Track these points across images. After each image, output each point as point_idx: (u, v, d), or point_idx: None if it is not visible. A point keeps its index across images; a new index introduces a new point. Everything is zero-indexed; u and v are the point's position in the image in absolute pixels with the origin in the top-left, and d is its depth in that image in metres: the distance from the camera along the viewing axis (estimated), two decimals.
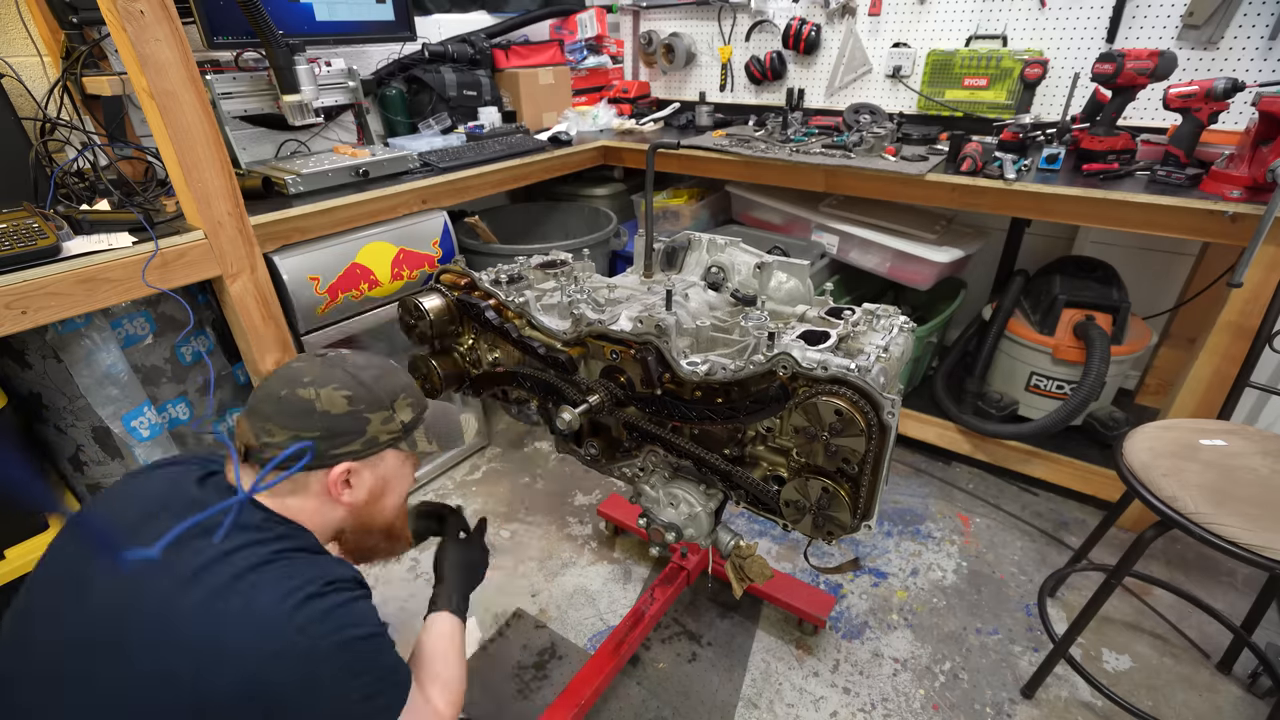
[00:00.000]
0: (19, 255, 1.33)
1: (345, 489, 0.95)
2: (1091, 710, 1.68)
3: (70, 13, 1.72)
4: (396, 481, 1.03)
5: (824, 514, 1.04)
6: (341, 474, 0.93)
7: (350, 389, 0.94)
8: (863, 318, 1.12)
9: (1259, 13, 2.00)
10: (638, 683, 1.78)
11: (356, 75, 2.22)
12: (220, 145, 1.57)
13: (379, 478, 0.99)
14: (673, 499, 1.25)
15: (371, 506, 1.00)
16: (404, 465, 1.04)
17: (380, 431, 0.96)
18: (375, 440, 0.96)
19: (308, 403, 0.91)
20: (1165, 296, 2.54)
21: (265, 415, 0.91)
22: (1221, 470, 1.38)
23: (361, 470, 0.96)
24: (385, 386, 0.98)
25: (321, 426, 0.91)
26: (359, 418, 0.94)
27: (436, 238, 2.16)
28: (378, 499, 1.01)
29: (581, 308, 1.19)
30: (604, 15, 3.13)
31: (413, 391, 1.03)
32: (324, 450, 0.92)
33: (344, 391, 0.93)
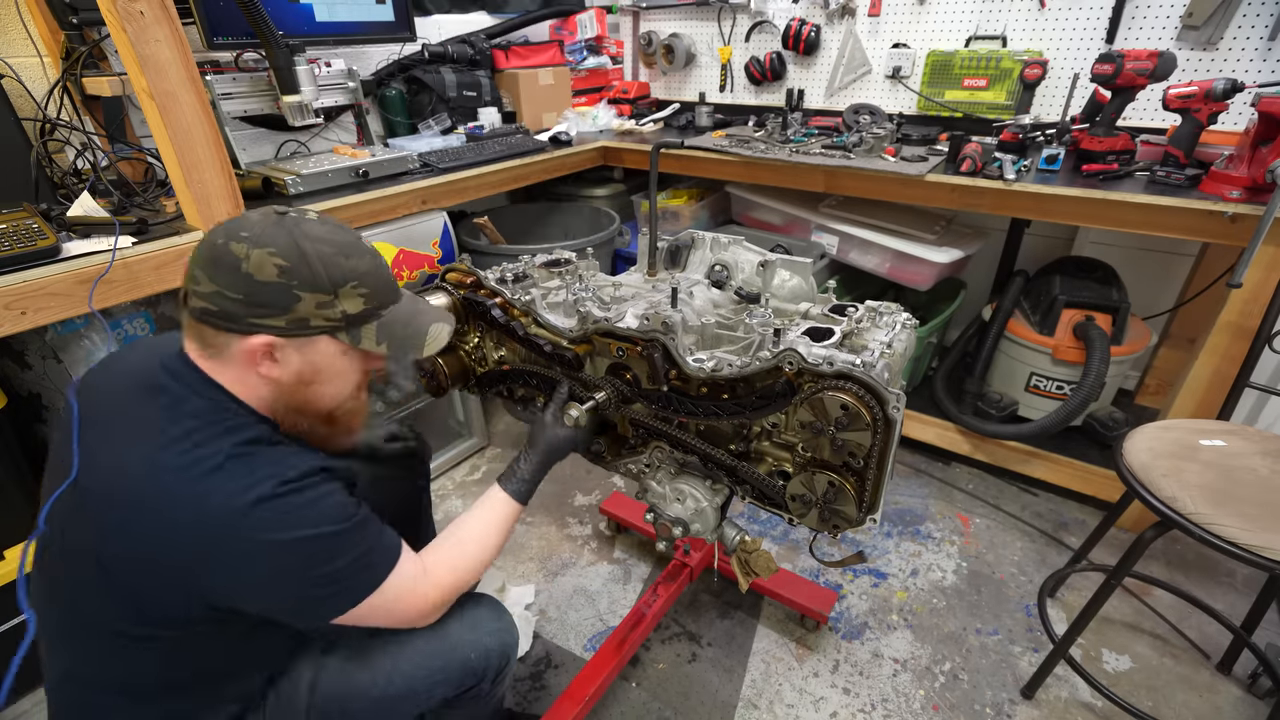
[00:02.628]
0: (19, 255, 1.33)
1: (267, 362, 0.89)
2: (1091, 711, 1.68)
3: (70, 13, 1.72)
4: (335, 372, 0.95)
5: (830, 508, 1.05)
6: (261, 346, 0.87)
7: (287, 259, 0.85)
8: (866, 315, 1.12)
9: (1258, 13, 2.01)
10: (637, 683, 1.77)
11: (356, 76, 2.22)
12: (220, 146, 1.57)
13: (308, 362, 0.92)
14: (679, 494, 1.26)
15: (301, 390, 0.94)
16: (344, 357, 0.95)
17: (313, 314, 0.88)
18: (304, 321, 0.88)
19: (236, 259, 0.84)
20: (1165, 297, 2.54)
21: (198, 259, 0.86)
22: (1221, 471, 1.38)
23: (286, 348, 0.89)
24: (334, 268, 0.89)
25: (244, 289, 0.84)
26: (287, 292, 0.86)
27: (436, 238, 2.15)
28: (308, 384, 0.93)
29: (587, 305, 1.20)
30: (604, 16, 3.14)
31: (371, 281, 0.93)
32: (243, 315, 0.85)
33: (278, 260, 0.85)
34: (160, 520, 0.81)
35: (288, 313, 0.87)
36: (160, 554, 0.83)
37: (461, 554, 1.08)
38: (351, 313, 0.91)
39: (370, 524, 0.94)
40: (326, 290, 0.88)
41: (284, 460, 0.87)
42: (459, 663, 1.14)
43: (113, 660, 0.91)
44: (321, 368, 0.94)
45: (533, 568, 2.14)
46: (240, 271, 0.84)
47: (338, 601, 0.91)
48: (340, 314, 0.90)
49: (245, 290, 0.84)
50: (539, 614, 1.97)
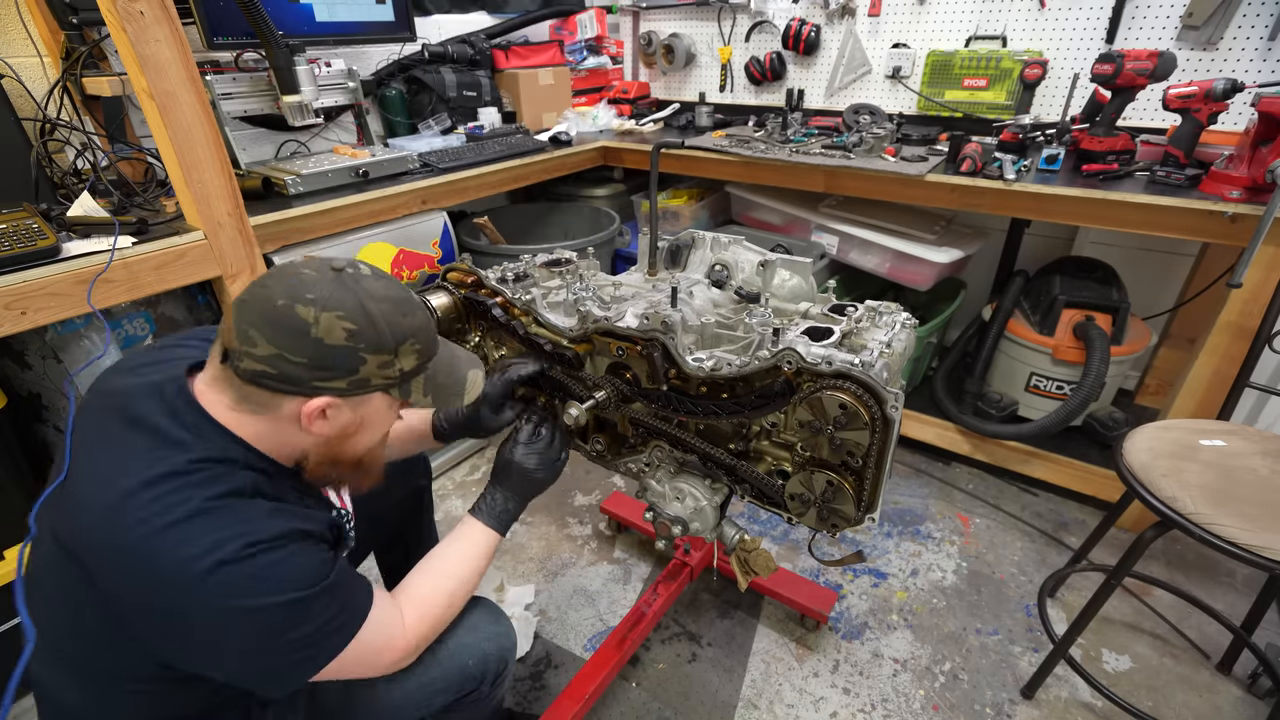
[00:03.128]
0: (19, 255, 1.33)
1: (320, 420, 0.88)
2: (1091, 711, 1.68)
3: (70, 13, 1.72)
4: (377, 423, 0.96)
5: (829, 506, 1.05)
6: (320, 407, 0.86)
7: (356, 322, 0.83)
8: (865, 314, 1.12)
9: (1258, 13, 2.01)
10: (637, 683, 1.77)
11: (356, 76, 2.22)
12: (220, 146, 1.57)
13: (359, 417, 0.92)
14: (679, 493, 1.26)
15: (343, 441, 0.93)
16: (390, 409, 0.96)
17: (374, 374, 0.87)
18: (366, 382, 0.87)
19: (304, 324, 0.81)
20: (1165, 297, 2.54)
21: (254, 320, 0.81)
22: (1221, 471, 1.38)
23: (343, 407, 0.88)
24: (396, 327, 0.87)
25: (311, 354, 0.82)
26: (355, 355, 0.84)
27: (436, 238, 2.16)
28: (351, 435, 0.93)
29: (588, 305, 1.20)
30: (604, 16, 3.14)
31: (423, 336, 0.93)
32: (305, 379, 0.83)
33: (347, 324, 0.83)
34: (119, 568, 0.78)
35: (352, 375, 0.86)
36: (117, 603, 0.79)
37: (438, 600, 1.04)
38: (406, 370, 0.91)
39: (339, 587, 0.89)
40: (389, 351, 0.87)
41: (256, 520, 0.82)
42: (457, 669, 1.14)
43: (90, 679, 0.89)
44: (369, 419, 0.94)
45: (532, 568, 2.14)
46: (309, 336, 0.81)
47: (302, 669, 0.86)
48: (398, 372, 0.90)
49: (312, 354, 0.82)
50: (539, 614, 1.97)
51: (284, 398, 0.85)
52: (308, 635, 0.84)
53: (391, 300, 0.88)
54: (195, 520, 0.78)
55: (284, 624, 0.82)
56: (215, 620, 0.78)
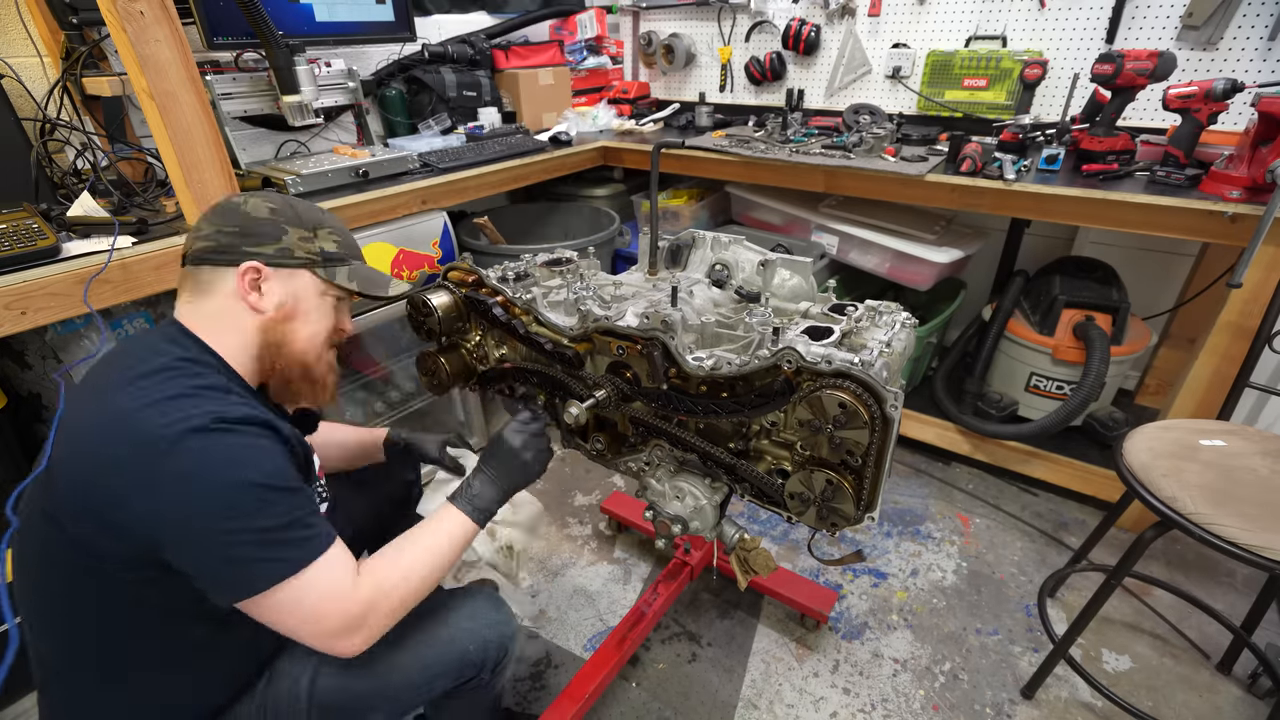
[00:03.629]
0: (19, 255, 1.33)
1: (253, 290, 0.99)
2: (1091, 711, 1.68)
3: (70, 13, 1.72)
4: (311, 309, 1.05)
5: (828, 505, 1.05)
6: (248, 270, 0.98)
7: (276, 204, 1.03)
8: (865, 314, 1.12)
9: (1258, 13, 2.01)
10: (637, 683, 1.77)
11: (356, 76, 2.22)
12: (220, 146, 1.57)
13: (290, 293, 1.02)
14: (679, 492, 1.26)
15: (281, 324, 1.02)
16: (321, 296, 1.06)
17: (296, 245, 1.02)
18: (289, 252, 1.02)
19: (236, 204, 1.01)
20: (1165, 297, 2.54)
21: (204, 215, 1.02)
22: (1221, 471, 1.38)
23: (272, 278, 1.00)
24: (313, 215, 1.07)
25: (240, 223, 0.99)
26: (276, 226, 1.01)
27: (436, 238, 2.16)
28: (288, 318, 1.02)
29: (588, 304, 1.20)
30: (604, 16, 3.14)
31: (342, 233, 1.10)
32: (237, 245, 0.98)
33: (270, 203, 1.02)
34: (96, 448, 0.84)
35: (276, 242, 1.00)
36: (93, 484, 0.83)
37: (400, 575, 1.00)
38: (328, 250, 1.06)
39: (305, 497, 0.91)
40: (308, 228, 1.04)
41: (230, 403, 0.89)
42: (457, 654, 1.14)
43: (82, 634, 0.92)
44: (300, 300, 1.04)
45: (533, 567, 2.14)
46: (239, 211, 1.01)
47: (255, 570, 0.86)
48: (319, 250, 1.05)
49: (240, 224, 0.99)
50: (539, 613, 1.97)
51: (224, 270, 0.98)
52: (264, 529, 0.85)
53: (309, 204, 1.09)
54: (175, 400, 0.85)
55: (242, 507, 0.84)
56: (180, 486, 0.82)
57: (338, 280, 1.07)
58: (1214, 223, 1.71)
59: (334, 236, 1.07)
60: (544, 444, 1.22)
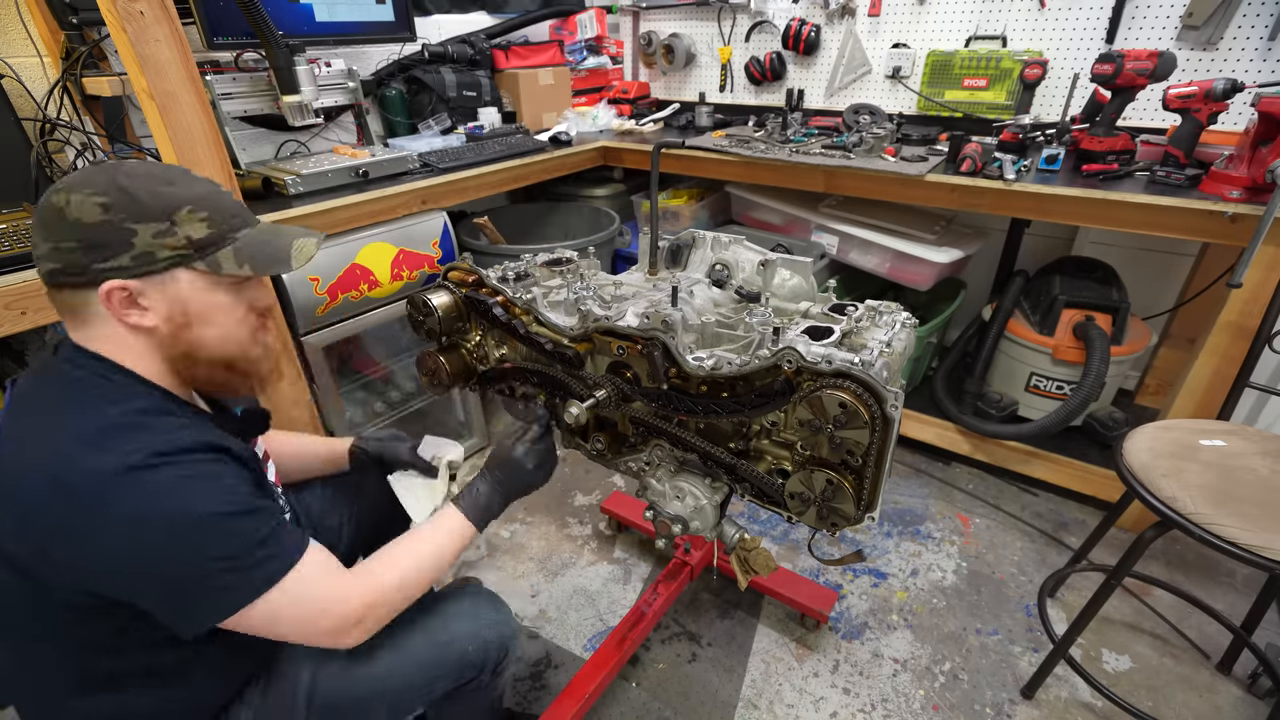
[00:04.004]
0: (19, 255, 1.33)
1: (133, 311, 0.84)
2: (1091, 711, 1.68)
3: (70, 13, 1.72)
4: (211, 309, 0.89)
5: (828, 505, 1.05)
6: (114, 290, 0.81)
7: (108, 195, 0.80)
8: (865, 314, 1.12)
9: (1258, 13, 2.01)
10: (637, 683, 1.77)
11: (356, 76, 2.22)
12: (220, 146, 1.57)
13: (174, 301, 0.86)
14: (679, 492, 1.26)
15: (182, 335, 0.88)
16: (214, 291, 0.89)
17: (155, 246, 0.82)
18: (150, 255, 0.82)
19: (57, 209, 0.79)
20: (1165, 297, 2.54)
21: (34, 227, 0.82)
22: (1221, 471, 1.38)
23: (146, 290, 0.83)
24: (162, 197, 0.83)
25: (75, 236, 0.79)
26: (118, 228, 0.80)
27: (436, 238, 2.16)
28: (185, 327, 0.88)
29: (588, 304, 1.20)
30: (604, 16, 3.14)
31: (209, 204, 0.87)
32: (86, 264, 0.80)
33: (98, 198, 0.79)
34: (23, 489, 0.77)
35: (129, 249, 0.81)
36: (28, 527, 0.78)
37: (399, 574, 1.00)
38: (197, 237, 0.85)
39: (266, 514, 0.87)
40: (159, 218, 0.82)
41: (170, 432, 0.82)
42: (456, 656, 1.14)
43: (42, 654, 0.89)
44: (191, 305, 0.87)
45: (532, 567, 2.14)
46: (66, 220, 0.79)
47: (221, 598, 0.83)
48: (185, 240, 0.84)
49: (77, 236, 0.79)
50: (539, 613, 1.97)
51: (85, 292, 0.82)
52: (227, 558, 0.82)
53: (151, 174, 0.84)
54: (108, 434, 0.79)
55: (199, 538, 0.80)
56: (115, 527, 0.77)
57: (224, 269, 0.88)
58: (1214, 223, 1.71)
59: (198, 215, 0.85)
60: (552, 456, 1.23)
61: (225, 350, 0.93)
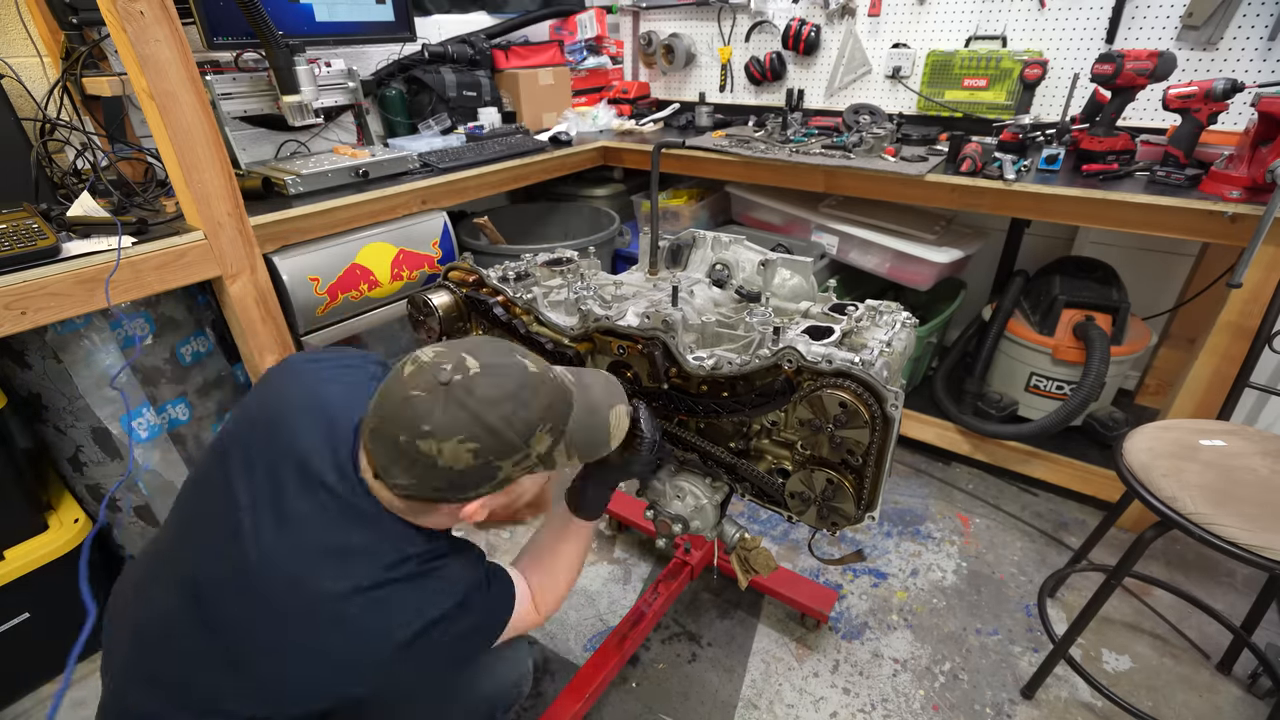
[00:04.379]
0: (19, 255, 1.33)
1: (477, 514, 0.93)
2: (1091, 711, 1.68)
3: (70, 13, 1.72)
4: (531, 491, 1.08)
5: (829, 505, 1.05)
6: (474, 510, 0.92)
7: (477, 440, 0.83)
8: (866, 313, 1.12)
9: (1258, 13, 2.01)
10: (637, 683, 1.77)
11: (356, 76, 2.22)
12: (220, 146, 1.57)
13: (511, 496, 0.98)
14: (679, 492, 1.26)
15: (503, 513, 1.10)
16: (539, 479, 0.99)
17: (514, 471, 0.89)
18: (508, 479, 0.90)
19: (430, 458, 0.82)
20: (1165, 297, 2.54)
21: (386, 458, 0.85)
22: (1221, 471, 1.38)
23: (496, 498, 0.92)
24: (520, 427, 0.86)
25: (446, 480, 0.85)
26: (489, 468, 0.86)
27: (436, 238, 2.15)
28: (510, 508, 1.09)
29: (589, 304, 1.20)
30: (604, 16, 3.14)
31: (550, 415, 0.90)
32: (450, 496, 0.88)
33: (469, 445, 0.83)
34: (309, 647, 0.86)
35: (493, 480, 0.88)
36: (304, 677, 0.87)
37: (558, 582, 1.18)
38: (543, 452, 0.91)
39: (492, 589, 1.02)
40: (519, 449, 0.87)
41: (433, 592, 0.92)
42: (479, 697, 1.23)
43: None
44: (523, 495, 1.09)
45: None
46: (438, 467, 0.83)
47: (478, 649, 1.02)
48: (535, 458, 0.90)
49: (448, 480, 0.85)
50: None
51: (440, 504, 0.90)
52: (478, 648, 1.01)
53: (508, 398, 0.86)
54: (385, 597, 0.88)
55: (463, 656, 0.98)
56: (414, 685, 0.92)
57: (558, 467, 0.96)
58: (1214, 223, 1.71)
59: (545, 429, 0.89)
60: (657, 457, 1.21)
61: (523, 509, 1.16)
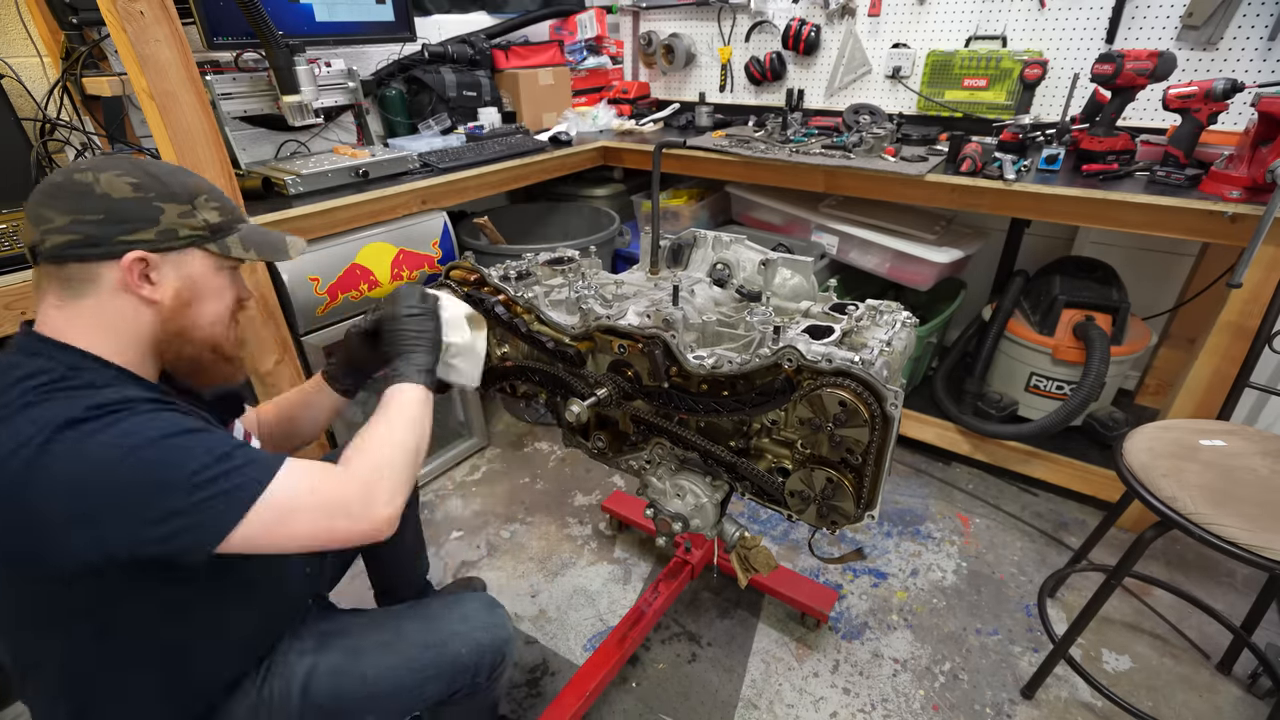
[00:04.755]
0: (20, 255, 1.33)
1: (144, 283, 0.87)
2: (1091, 711, 1.68)
3: (70, 13, 1.72)
4: (212, 290, 0.95)
5: (828, 504, 1.05)
6: (135, 261, 0.84)
7: (136, 177, 0.86)
8: (866, 313, 1.12)
9: (1258, 13, 2.01)
10: (637, 683, 1.77)
11: (356, 76, 2.22)
12: (220, 146, 1.57)
13: (185, 278, 0.90)
14: (679, 490, 1.26)
15: (183, 311, 0.92)
16: (218, 274, 0.95)
17: (178, 224, 0.88)
18: (173, 232, 0.87)
19: (85, 185, 0.83)
20: (1165, 297, 2.54)
21: (41, 201, 0.83)
22: (1221, 471, 1.38)
23: (161, 265, 0.88)
24: (182, 183, 0.90)
25: (103, 209, 0.83)
26: (148, 204, 0.86)
27: (436, 238, 2.16)
28: (188, 304, 0.92)
29: (590, 303, 1.20)
30: (604, 16, 3.14)
31: (220, 197, 0.95)
32: (110, 235, 0.83)
33: (128, 178, 0.85)
34: None
35: (155, 225, 0.86)
36: None
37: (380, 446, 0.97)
38: (213, 222, 0.92)
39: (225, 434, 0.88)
40: (184, 200, 0.89)
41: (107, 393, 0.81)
42: (450, 659, 1.13)
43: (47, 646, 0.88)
44: (200, 284, 0.93)
45: (532, 567, 2.14)
46: (95, 194, 0.83)
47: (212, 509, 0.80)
48: (203, 223, 0.91)
49: (104, 209, 0.83)
50: (539, 613, 1.97)
51: (98, 265, 0.84)
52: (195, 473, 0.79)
53: (170, 166, 0.92)
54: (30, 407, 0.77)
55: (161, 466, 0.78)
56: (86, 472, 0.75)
57: (232, 253, 0.95)
58: (1214, 223, 1.71)
59: (213, 203, 0.93)
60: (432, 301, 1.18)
61: (214, 332, 0.96)
